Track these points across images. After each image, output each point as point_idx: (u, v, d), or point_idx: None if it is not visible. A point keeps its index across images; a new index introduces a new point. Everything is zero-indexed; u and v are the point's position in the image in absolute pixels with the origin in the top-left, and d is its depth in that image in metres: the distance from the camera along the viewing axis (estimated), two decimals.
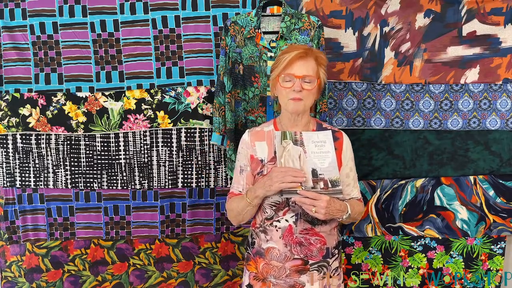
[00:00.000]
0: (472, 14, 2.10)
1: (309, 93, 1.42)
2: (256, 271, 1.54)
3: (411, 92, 2.17)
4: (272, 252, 1.48)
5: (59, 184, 2.16)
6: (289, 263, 1.47)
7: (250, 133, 1.54)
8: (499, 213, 2.23)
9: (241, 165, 1.52)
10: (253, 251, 1.55)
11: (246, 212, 1.46)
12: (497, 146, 2.19)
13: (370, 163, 2.20)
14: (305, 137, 1.41)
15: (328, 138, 1.43)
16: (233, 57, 1.95)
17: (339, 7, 2.09)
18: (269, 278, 1.50)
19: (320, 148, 1.40)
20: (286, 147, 1.39)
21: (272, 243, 1.48)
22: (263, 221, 1.49)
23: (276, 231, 1.46)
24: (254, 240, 1.55)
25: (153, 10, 2.07)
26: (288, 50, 1.45)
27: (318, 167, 1.37)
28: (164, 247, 2.24)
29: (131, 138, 2.15)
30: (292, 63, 1.42)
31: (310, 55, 1.43)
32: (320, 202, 1.31)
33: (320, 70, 1.46)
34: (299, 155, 1.38)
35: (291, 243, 1.45)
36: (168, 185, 2.18)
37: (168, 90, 2.13)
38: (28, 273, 2.20)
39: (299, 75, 1.41)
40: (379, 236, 2.27)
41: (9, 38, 2.05)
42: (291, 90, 1.41)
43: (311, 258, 1.47)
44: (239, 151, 1.55)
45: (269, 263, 1.49)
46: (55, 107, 2.11)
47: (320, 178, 1.36)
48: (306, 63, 1.42)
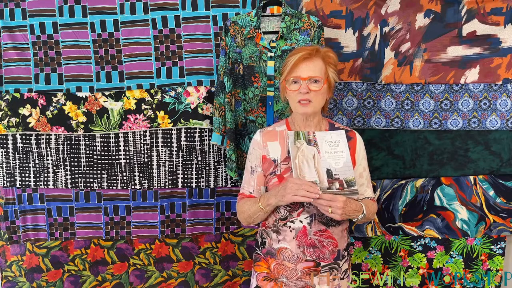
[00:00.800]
0: (472, 14, 2.10)
1: (317, 93, 1.41)
2: (267, 271, 1.52)
3: (411, 92, 2.17)
4: (284, 253, 1.47)
5: (59, 184, 2.16)
6: (301, 265, 1.46)
7: (262, 133, 1.52)
8: (499, 213, 2.23)
9: (252, 166, 1.51)
10: (264, 251, 1.53)
11: (258, 216, 1.46)
12: (497, 146, 2.19)
13: (370, 163, 2.19)
14: (318, 137, 1.41)
15: (341, 137, 1.42)
16: (233, 57, 1.95)
17: (339, 7, 2.09)
18: (281, 278, 1.49)
19: (334, 148, 1.40)
20: (300, 148, 1.38)
21: (284, 243, 1.47)
22: (277, 221, 1.48)
23: (290, 231, 1.45)
24: (264, 240, 1.53)
25: (153, 10, 2.07)
26: (294, 52, 1.45)
27: (332, 167, 1.37)
28: (164, 247, 2.24)
29: (131, 138, 2.15)
30: (297, 65, 1.41)
31: (316, 55, 1.42)
32: (337, 203, 1.31)
33: (328, 70, 1.45)
34: (313, 155, 1.38)
35: (305, 244, 1.45)
36: (168, 185, 2.18)
37: (168, 90, 2.13)
38: (28, 273, 2.20)
39: (304, 77, 1.40)
40: (379, 236, 2.27)
41: (9, 38, 2.05)
42: (298, 92, 1.41)
43: (323, 260, 1.46)
44: (250, 152, 1.54)
45: (281, 263, 1.48)
46: (55, 107, 2.11)
47: (336, 179, 1.36)
48: (312, 64, 1.41)
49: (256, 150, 1.51)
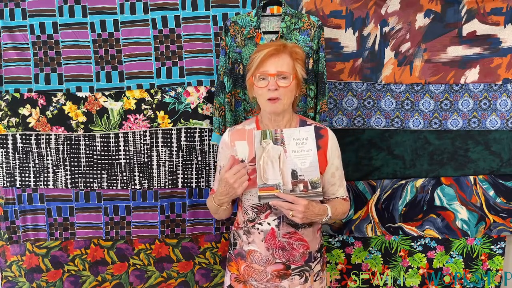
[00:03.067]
0: (472, 14, 2.10)
1: (286, 90, 1.36)
2: (237, 272, 1.51)
3: (411, 92, 2.17)
4: (253, 255, 1.46)
5: (59, 184, 2.16)
6: (271, 267, 1.44)
7: (230, 132, 1.49)
8: (499, 213, 2.23)
9: (221, 165, 1.50)
10: (235, 252, 1.52)
11: (220, 212, 1.46)
12: (497, 146, 2.19)
13: (370, 163, 2.20)
14: (286, 135, 1.36)
15: (310, 134, 1.35)
16: (233, 57, 1.95)
17: (339, 7, 2.09)
18: (250, 280, 1.48)
19: (302, 146, 1.35)
20: (266, 148, 1.34)
21: (253, 245, 1.45)
22: (245, 223, 1.47)
23: (258, 233, 1.44)
24: (236, 241, 1.52)
25: (153, 10, 2.07)
26: (260, 49, 1.40)
27: (298, 167, 1.33)
28: (164, 247, 2.24)
29: (131, 138, 2.15)
30: (264, 61, 1.36)
31: (282, 51, 1.37)
32: (298, 206, 1.29)
33: (296, 65, 1.40)
34: (279, 155, 1.34)
35: (274, 247, 1.43)
36: (168, 185, 2.18)
37: (168, 90, 2.13)
38: (28, 273, 2.20)
39: (272, 73, 1.35)
40: (379, 236, 2.27)
41: (9, 38, 2.05)
42: (267, 89, 1.35)
43: (293, 263, 1.45)
44: (219, 150, 1.52)
45: (250, 266, 1.47)
46: (55, 107, 2.11)
47: (300, 180, 1.33)
48: (279, 59, 1.36)
49: (224, 149, 1.48)
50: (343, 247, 2.29)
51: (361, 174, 2.20)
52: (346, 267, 2.31)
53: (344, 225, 2.25)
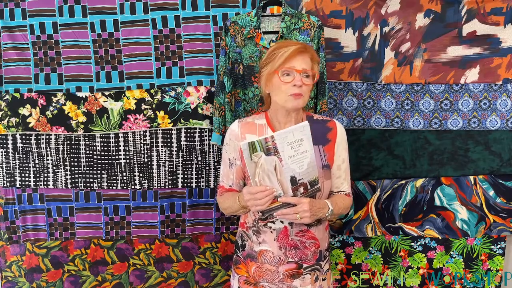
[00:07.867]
0: (472, 14, 2.10)
1: (307, 88, 1.37)
2: (247, 274, 1.50)
3: (411, 92, 2.17)
4: (265, 255, 1.45)
5: (59, 184, 2.16)
6: (283, 267, 1.44)
7: (241, 124, 1.46)
8: (499, 213, 2.23)
9: (230, 158, 1.45)
10: (244, 254, 1.51)
11: (240, 212, 1.45)
12: (497, 146, 2.19)
13: (370, 163, 2.20)
14: (278, 141, 1.24)
15: (305, 134, 1.27)
16: (233, 57, 1.95)
17: (339, 7, 2.09)
18: (261, 282, 1.47)
19: (297, 149, 1.26)
20: (258, 162, 1.23)
21: (265, 245, 1.44)
22: (256, 221, 1.45)
23: (270, 232, 1.43)
24: (244, 242, 1.50)
25: (153, 10, 2.06)
26: (285, 45, 1.38)
27: (296, 172, 1.27)
28: (164, 247, 2.24)
29: (131, 138, 2.15)
30: (292, 57, 1.35)
31: (308, 51, 1.39)
32: (302, 205, 1.28)
33: (314, 67, 1.41)
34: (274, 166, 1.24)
35: (286, 245, 1.42)
36: (168, 185, 2.18)
37: (168, 90, 2.13)
38: (28, 273, 2.20)
39: (299, 69, 1.35)
40: (379, 236, 2.27)
41: (9, 38, 2.05)
42: (291, 85, 1.34)
43: (305, 262, 1.44)
44: (226, 142, 1.46)
45: (262, 266, 1.46)
46: (55, 107, 2.11)
47: (300, 184, 1.29)
48: (304, 58, 1.37)
49: (233, 141, 1.44)
50: (343, 247, 2.29)
51: (361, 174, 2.20)
52: (346, 267, 2.31)
53: (344, 225, 2.25)
